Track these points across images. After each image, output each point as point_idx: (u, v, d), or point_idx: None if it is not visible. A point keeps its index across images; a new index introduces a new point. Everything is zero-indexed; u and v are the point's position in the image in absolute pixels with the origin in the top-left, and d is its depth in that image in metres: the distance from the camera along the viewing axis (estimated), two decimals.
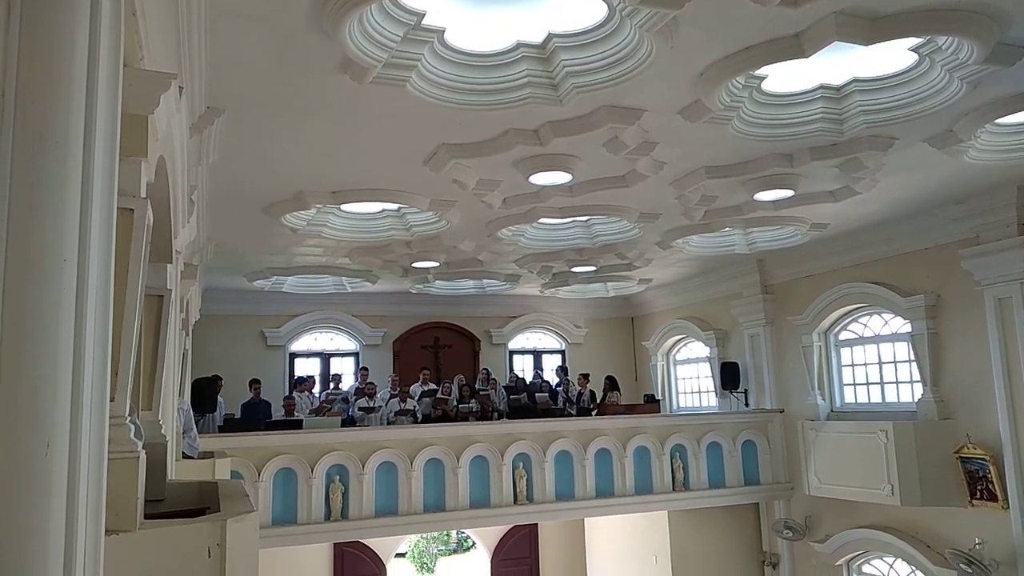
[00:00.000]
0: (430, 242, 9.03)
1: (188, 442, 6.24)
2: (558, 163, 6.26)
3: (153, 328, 2.66)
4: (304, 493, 8.69)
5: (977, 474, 8.25)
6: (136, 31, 2.29)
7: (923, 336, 8.90)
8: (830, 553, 10.11)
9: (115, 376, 1.85)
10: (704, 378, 13.45)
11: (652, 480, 10.22)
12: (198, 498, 2.64)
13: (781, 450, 10.86)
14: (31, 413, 1.06)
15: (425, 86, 4.71)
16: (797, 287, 10.86)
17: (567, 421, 10.65)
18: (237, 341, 12.85)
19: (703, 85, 4.85)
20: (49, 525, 1.07)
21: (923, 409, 8.96)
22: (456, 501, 9.30)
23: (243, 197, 7.16)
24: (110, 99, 1.38)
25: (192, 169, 5.24)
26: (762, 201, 7.65)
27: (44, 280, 1.10)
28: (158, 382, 2.69)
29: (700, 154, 6.36)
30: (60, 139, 1.14)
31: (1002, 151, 6.41)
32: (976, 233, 8.20)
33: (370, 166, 6.40)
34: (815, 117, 5.59)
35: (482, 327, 14.52)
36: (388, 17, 4.08)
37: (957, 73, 4.88)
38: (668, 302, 13.95)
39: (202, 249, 8.29)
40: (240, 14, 3.82)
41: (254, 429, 9.60)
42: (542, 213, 7.87)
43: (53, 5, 1.16)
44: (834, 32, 4.10)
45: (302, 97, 4.89)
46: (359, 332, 13.76)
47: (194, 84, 4.17)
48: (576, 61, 4.58)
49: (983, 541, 8.08)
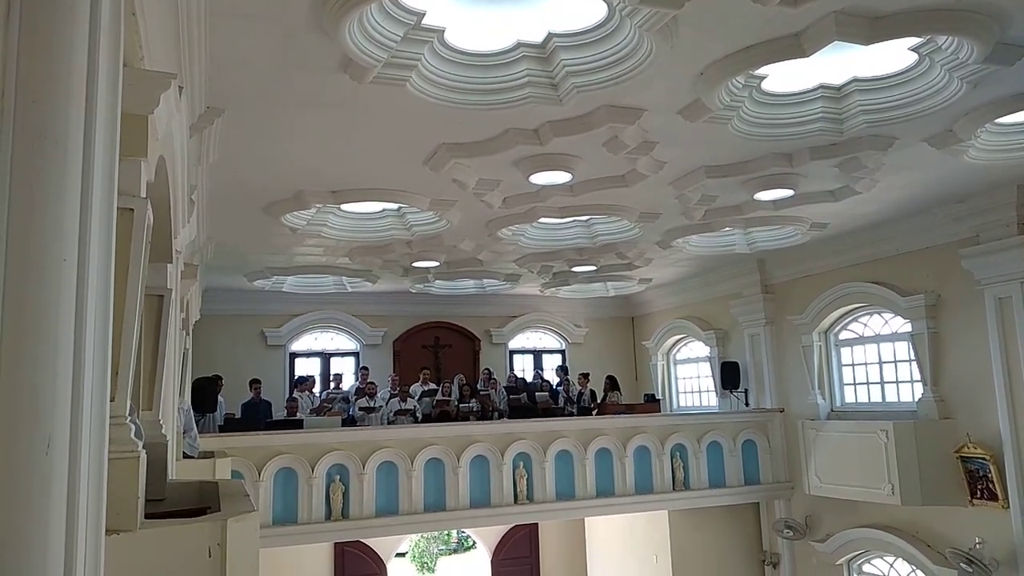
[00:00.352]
0: (430, 242, 9.03)
1: (188, 442, 6.24)
2: (558, 163, 6.26)
3: (153, 328, 2.66)
4: (304, 493, 8.69)
5: (977, 473, 8.25)
6: (136, 31, 2.29)
7: (923, 335, 8.90)
8: (830, 552, 10.11)
9: (115, 376, 1.85)
10: (704, 378, 13.45)
11: (652, 480, 10.22)
12: (199, 498, 2.64)
13: (781, 450, 10.86)
14: (31, 413, 1.06)
15: (425, 86, 4.71)
16: (797, 287, 10.86)
17: (567, 421, 10.64)
18: (237, 341, 12.85)
19: (703, 85, 4.85)
20: (49, 525, 1.07)
21: (923, 408, 8.96)
22: (456, 501, 9.30)
23: (243, 197, 7.17)
24: (110, 99, 1.38)
25: (192, 169, 5.24)
26: (762, 201, 7.65)
27: (44, 280, 1.10)
28: (158, 382, 2.69)
29: (700, 154, 6.36)
30: (60, 139, 1.14)
31: (1002, 150, 6.41)
32: (976, 232, 8.20)
33: (370, 166, 6.40)
34: (815, 117, 5.59)
35: (482, 327, 14.52)
36: (388, 17, 4.08)
37: (957, 73, 4.88)
38: (668, 302, 13.95)
39: (202, 249, 8.29)
40: (240, 14, 3.83)
41: (254, 429, 9.60)
42: (542, 213, 7.87)
43: (53, 5, 1.16)
44: (834, 32, 4.10)
45: (302, 97, 4.89)
46: (359, 332, 13.76)
47: (194, 84, 4.17)
48: (576, 61, 4.58)
49: (983, 540, 8.08)
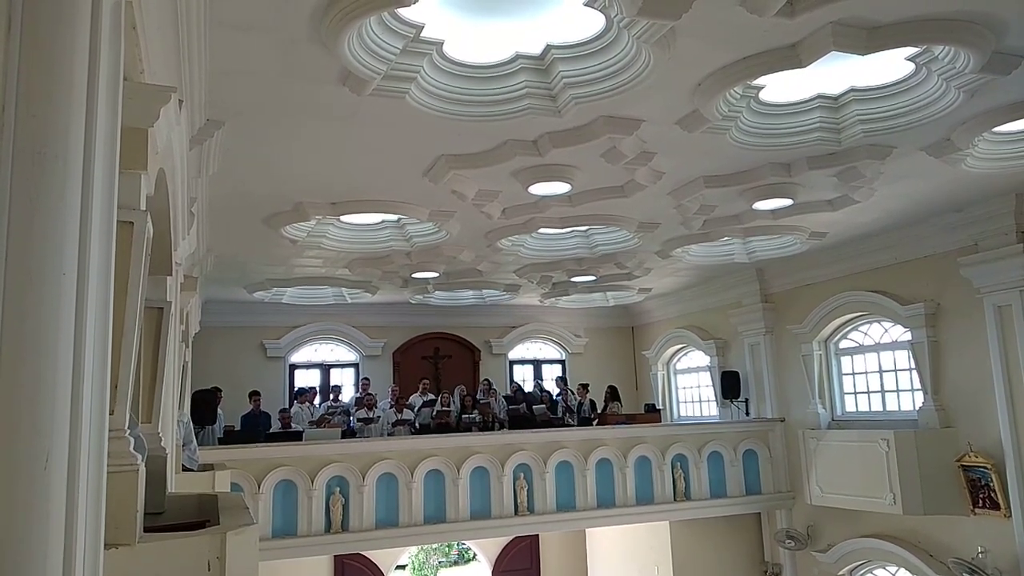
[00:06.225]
0: (430, 252, 9.04)
1: (188, 454, 6.22)
2: (557, 173, 6.28)
3: (153, 340, 2.66)
4: (304, 505, 8.66)
5: (979, 482, 8.22)
6: (136, 44, 2.29)
7: (923, 344, 8.90)
8: (832, 563, 10.06)
9: (115, 389, 1.85)
10: (705, 387, 13.42)
11: (653, 490, 10.19)
12: (198, 511, 2.63)
13: (782, 459, 10.84)
14: (30, 426, 1.06)
15: (424, 97, 4.72)
16: (797, 296, 10.86)
17: (567, 431, 10.61)
18: (237, 353, 12.83)
19: (701, 95, 4.87)
20: (48, 539, 1.06)
21: (924, 417, 8.94)
22: (457, 512, 9.26)
23: (243, 209, 7.18)
24: (110, 112, 1.39)
25: (192, 181, 5.25)
26: (761, 210, 7.66)
27: (43, 293, 1.10)
28: (158, 394, 2.68)
29: (698, 164, 6.37)
30: (60, 152, 1.15)
31: (1000, 159, 6.43)
32: (975, 241, 8.21)
33: (370, 177, 6.41)
34: (813, 127, 5.60)
35: (482, 337, 14.51)
36: (387, 29, 4.10)
37: (954, 82, 4.90)
38: (668, 311, 13.95)
39: (202, 261, 8.29)
40: (240, 27, 3.84)
41: (254, 441, 9.56)
42: (541, 223, 7.88)
43: (53, 19, 1.17)
44: (831, 42, 4.12)
45: (302, 109, 4.91)
46: (359, 343, 13.75)
47: (194, 97, 4.18)
48: (574, 72, 4.60)
49: (986, 550, 8.05)
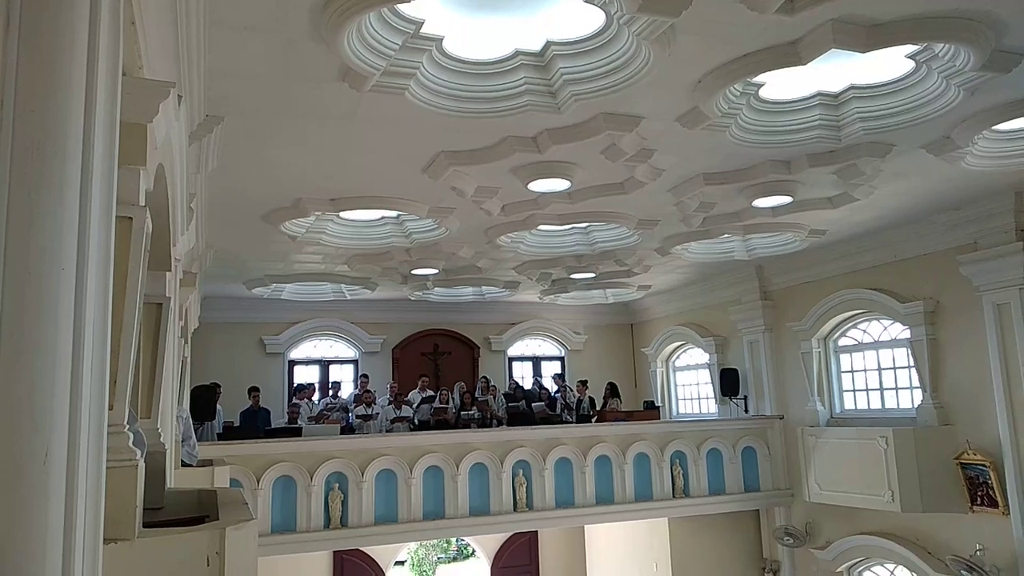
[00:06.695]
0: (429, 249, 9.04)
1: (187, 450, 6.22)
2: (556, 170, 6.27)
3: (152, 336, 2.66)
4: (303, 501, 8.66)
5: (977, 480, 8.23)
6: (135, 40, 2.29)
7: (922, 342, 8.90)
8: (831, 560, 10.08)
9: (114, 384, 1.85)
10: (704, 384, 13.43)
11: (652, 487, 10.20)
12: (197, 506, 2.64)
13: (781, 456, 10.85)
14: (29, 421, 1.06)
15: (424, 94, 4.72)
16: (796, 293, 10.86)
17: (566, 428, 10.62)
18: (236, 349, 12.83)
19: (701, 92, 4.86)
20: (47, 534, 1.07)
21: (923, 415, 8.95)
22: (456, 509, 9.28)
23: (242, 205, 7.17)
24: (109, 107, 1.38)
25: (191, 177, 5.24)
26: (760, 208, 7.66)
27: (42, 288, 1.10)
28: (157, 390, 2.69)
29: (698, 161, 6.37)
30: (59, 147, 1.15)
31: (999, 157, 6.43)
32: (974, 239, 8.21)
33: (369, 173, 6.41)
34: (813, 124, 5.60)
35: (481, 334, 14.50)
36: (386, 25, 4.09)
37: (954, 80, 4.89)
38: (667, 308, 13.95)
39: (201, 256, 8.28)
40: (239, 23, 3.84)
41: (253, 437, 9.56)
42: (541, 220, 7.87)
43: (52, 14, 1.16)
44: (831, 40, 4.12)
45: (301, 105, 4.91)
46: (358, 339, 13.75)
47: (193, 92, 4.18)
48: (574, 69, 4.60)
49: (984, 547, 8.07)
